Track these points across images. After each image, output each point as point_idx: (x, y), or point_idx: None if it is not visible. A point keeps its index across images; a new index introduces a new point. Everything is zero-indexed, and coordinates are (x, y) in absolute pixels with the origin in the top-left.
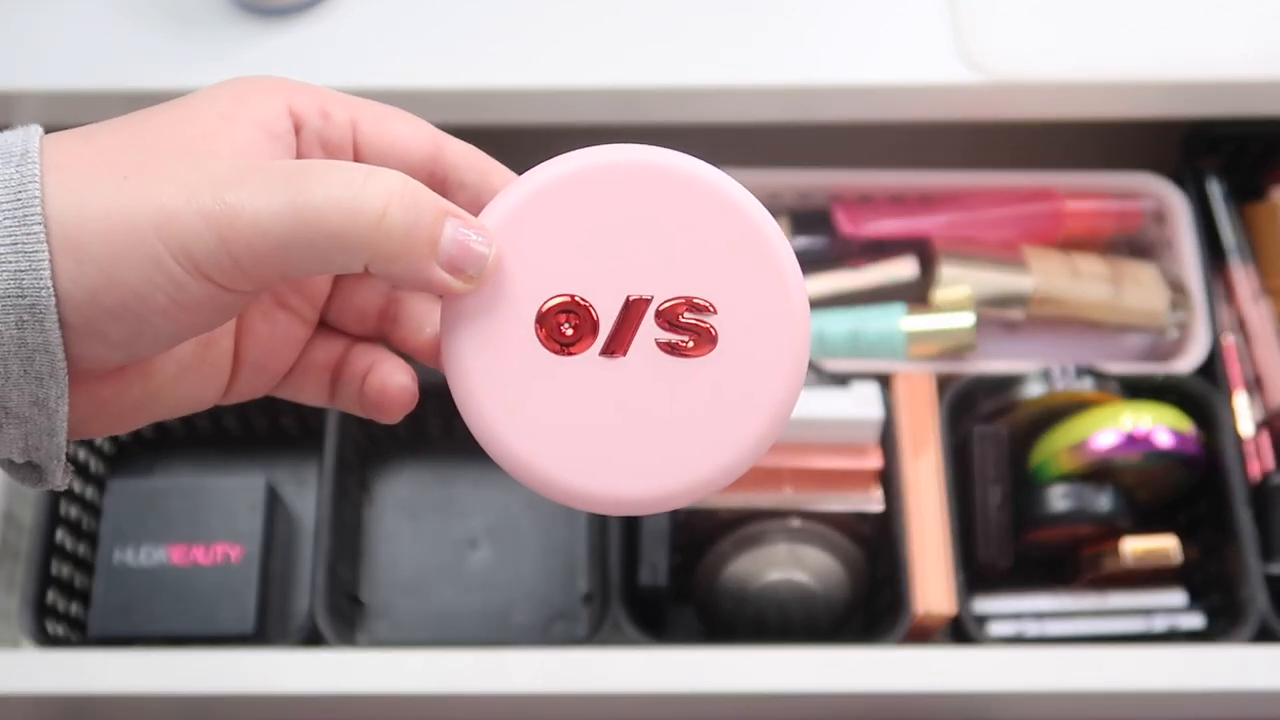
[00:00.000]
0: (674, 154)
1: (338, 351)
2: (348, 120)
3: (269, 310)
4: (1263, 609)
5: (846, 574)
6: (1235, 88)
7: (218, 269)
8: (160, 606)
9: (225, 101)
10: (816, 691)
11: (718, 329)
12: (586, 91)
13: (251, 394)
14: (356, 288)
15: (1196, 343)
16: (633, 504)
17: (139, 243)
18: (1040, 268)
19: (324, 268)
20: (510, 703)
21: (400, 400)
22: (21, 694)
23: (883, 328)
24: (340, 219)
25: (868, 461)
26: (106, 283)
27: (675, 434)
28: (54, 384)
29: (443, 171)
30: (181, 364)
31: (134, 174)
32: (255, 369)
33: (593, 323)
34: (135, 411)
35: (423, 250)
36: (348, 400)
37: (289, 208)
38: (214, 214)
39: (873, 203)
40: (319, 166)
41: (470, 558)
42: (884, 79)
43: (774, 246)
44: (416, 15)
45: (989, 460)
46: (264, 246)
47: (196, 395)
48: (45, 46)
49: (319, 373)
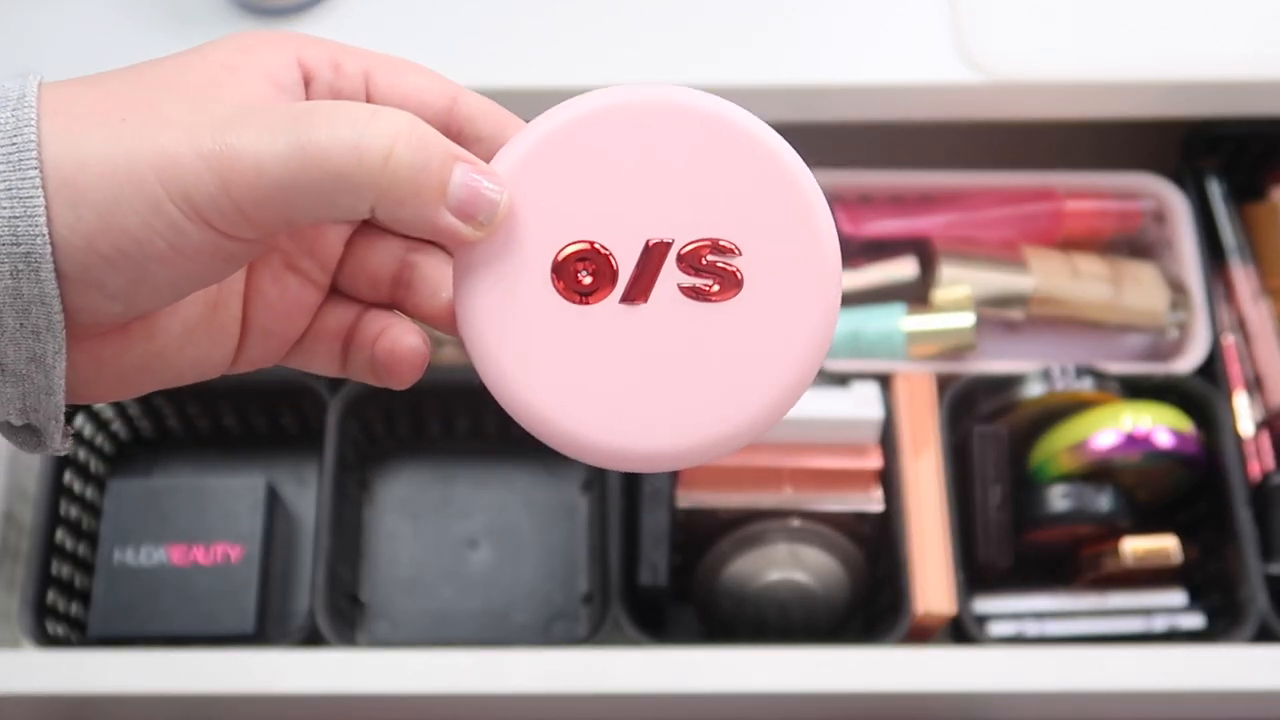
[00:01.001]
0: (693, 92)
1: (349, 318)
2: (360, 72)
3: (279, 273)
4: (1263, 609)
5: (846, 574)
6: (1235, 88)
7: (218, 213)
8: (160, 606)
9: (231, 52)
10: (816, 691)
11: (743, 272)
12: (586, 91)
13: (262, 361)
14: (369, 251)
15: (1196, 343)
16: (660, 458)
17: (138, 186)
18: (1040, 268)
19: (329, 212)
20: (510, 703)
21: (411, 362)
22: (21, 694)
23: (883, 328)
24: (345, 158)
25: (868, 461)
26: (104, 228)
27: (701, 384)
28: (50, 338)
29: (458, 124)
30: (187, 325)
31: (133, 117)
32: (265, 334)
33: (612, 270)
34: (138, 374)
35: (431, 194)
36: (359, 368)
37: (293, 147)
38: (215, 155)
39: (873, 203)
40: (325, 107)
41: (470, 558)
42: (884, 79)
43: (802, 185)
44: (416, 15)
45: (989, 460)
46: (266, 188)
47: (203, 360)
48: (45, 46)
49: (330, 340)
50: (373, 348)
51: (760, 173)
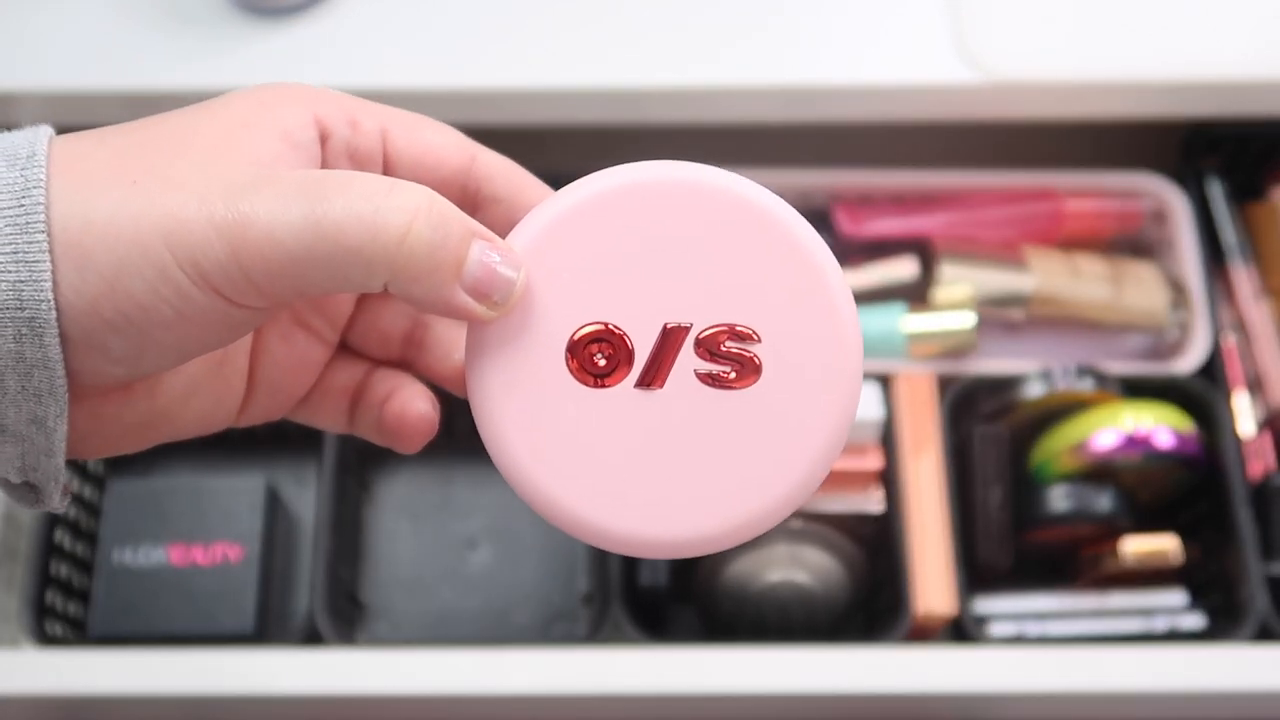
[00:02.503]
0: (714, 170)
1: (358, 376)
2: (377, 129)
3: (287, 330)
4: (1263, 609)
5: (846, 574)
6: (1235, 88)
7: (227, 282)
8: (160, 607)
9: (247, 108)
10: (816, 691)
11: (762, 358)
12: (586, 91)
13: (266, 417)
14: (380, 310)
15: (1197, 343)
16: (671, 546)
17: (145, 251)
18: (1040, 268)
19: (341, 285)
20: (510, 703)
21: (420, 429)
22: (21, 694)
23: (883, 328)
24: (360, 234)
25: (868, 461)
26: (109, 292)
27: (716, 472)
28: (53, 402)
29: (475, 184)
30: (192, 382)
31: (144, 179)
32: (271, 390)
33: (628, 352)
34: (139, 431)
35: (447, 273)
36: (366, 427)
37: (306, 220)
38: (226, 223)
39: (873, 203)
40: (340, 177)
41: (470, 558)
42: (884, 79)
43: (822, 269)
44: (416, 15)
45: (989, 460)
46: (278, 260)
47: (207, 416)
48: (45, 46)
49: (338, 397)
50: (381, 410)
51: (780, 256)
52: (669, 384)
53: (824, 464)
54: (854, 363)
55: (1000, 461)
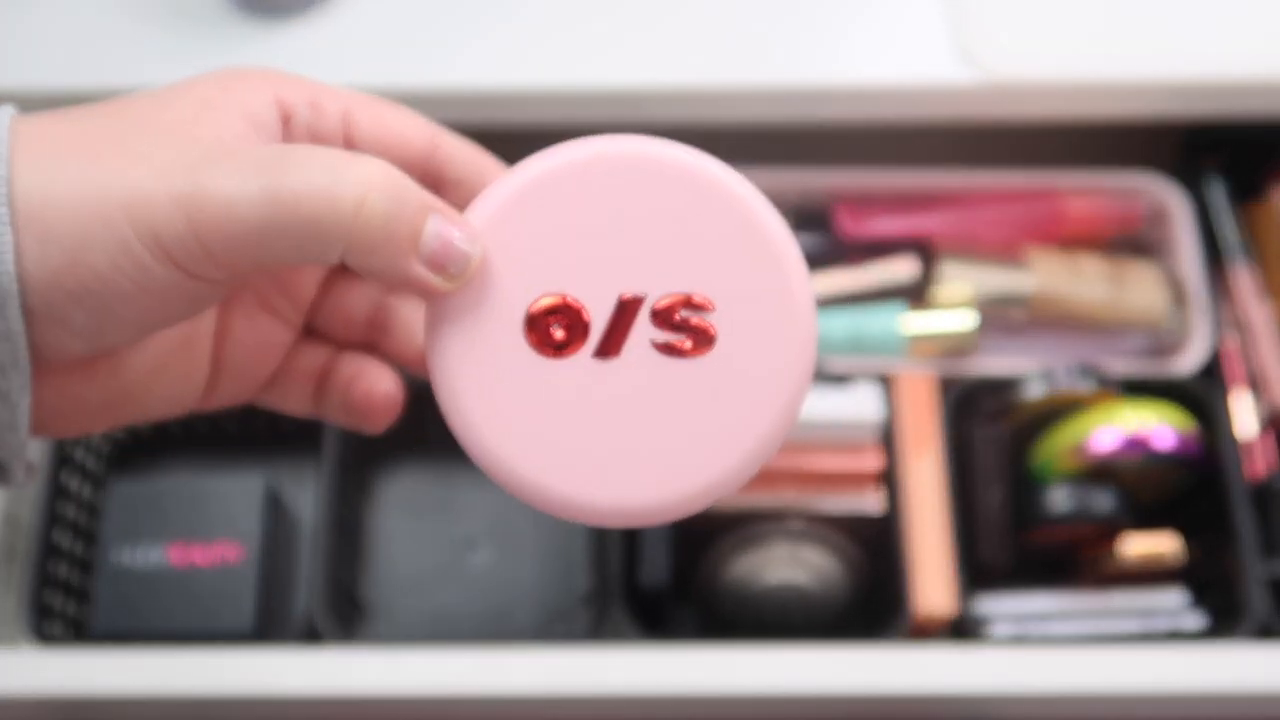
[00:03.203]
0: (667, 144)
1: (322, 359)
2: (339, 112)
3: (251, 312)
4: (1263, 609)
5: (846, 574)
6: (1235, 88)
7: (186, 254)
8: (159, 607)
9: (209, 89)
10: (816, 691)
11: (716, 327)
12: (587, 92)
13: (233, 400)
14: (344, 292)
15: (1197, 343)
16: (631, 514)
17: (105, 224)
18: (1041, 268)
19: (299, 257)
20: (510, 703)
21: (386, 408)
22: (21, 694)
23: (883, 328)
24: (317, 205)
25: (868, 462)
26: (70, 265)
27: (674, 440)
28: (16, 374)
29: (438, 167)
30: (156, 361)
31: (107, 154)
32: (236, 373)
33: (584, 324)
34: (104, 410)
35: (403, 244)
36: (332, 409)
37: (264, 192)
38: (185, 196)
39: (873, 203)
40: (300, 151)
41: (470, 558)
42: (884, 79)
43: (775, 239)
44: (417, 15)
45: (989, 460)
46: (236, 231)
47: (173, 397)
48: (42, 45)
49: (303, 380)
50: (347, 391)
51: (734, 228)
52: (625, 354)
53: (780, 429)
54: (806, 330)
55: (1000, 461)
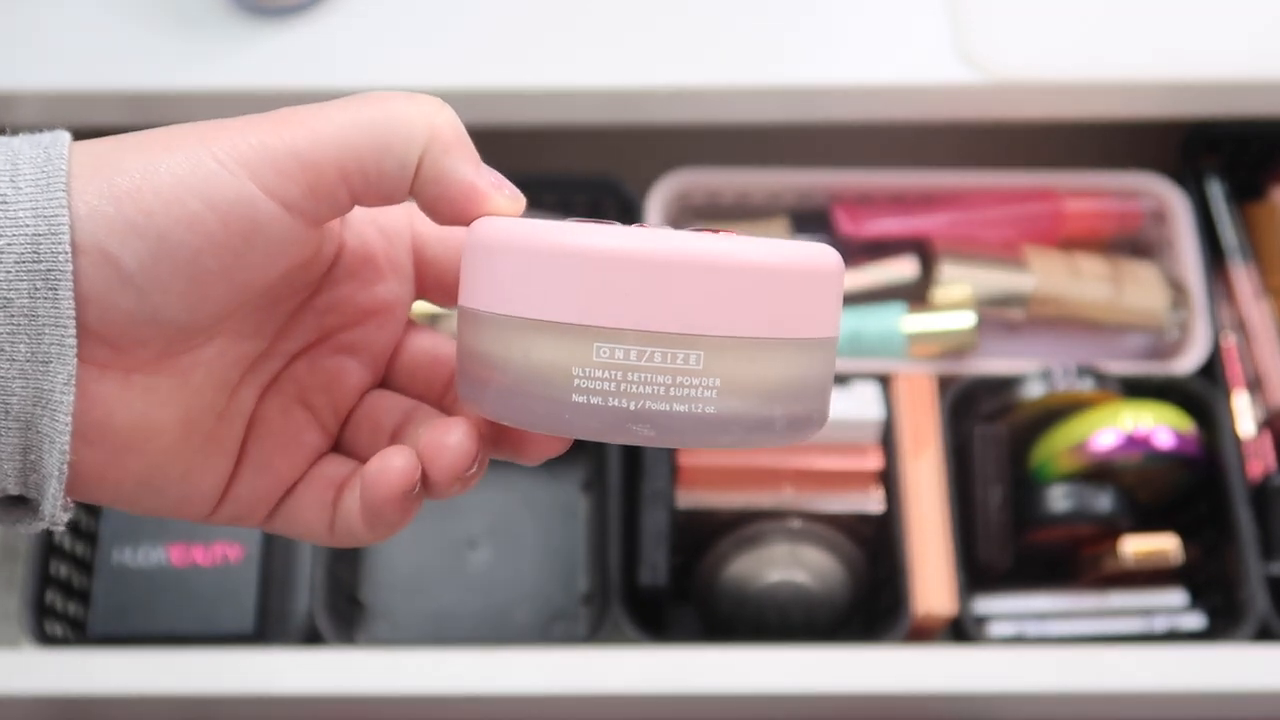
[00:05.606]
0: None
1: (345, 472)
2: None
3: (288, 405)
4: (1263, 609)
5: (846, 574)
6: (1235, 88)
7: (267, 160)
8: (160, 606)
9: None
10: (816, 691)
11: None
12: (586, 92)
13: (249, 505)
14: (379, 399)
15: (1196, 343)
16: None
17: (179, 146)
18: (1040, 267)
19: (380, 157)
20: (510, 703)
21: (403, 486)
22: (21, 694)
23: (883, 328)
24: (403, 102)
25: (868, 461)
26: (134, 191)
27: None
28: (61, 368)
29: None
30: (186, 425)
31: (174, 144)
32: (260, 467)
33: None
34: (130, 488)
35: (473, 154)
36: (349, 520)
37: (346, 111)
38: (270, 119)
39: (873, 203)
40: (374, 94)
41: (470, 558)
42: (884, 79)
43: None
44: (417, 15)
45: (989, 460)
46: (325, 131)
47: (191, 488)
48: (45, 46)
49: (324, 488)
50: (363, 475)
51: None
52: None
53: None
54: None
55: (1000, 461)
